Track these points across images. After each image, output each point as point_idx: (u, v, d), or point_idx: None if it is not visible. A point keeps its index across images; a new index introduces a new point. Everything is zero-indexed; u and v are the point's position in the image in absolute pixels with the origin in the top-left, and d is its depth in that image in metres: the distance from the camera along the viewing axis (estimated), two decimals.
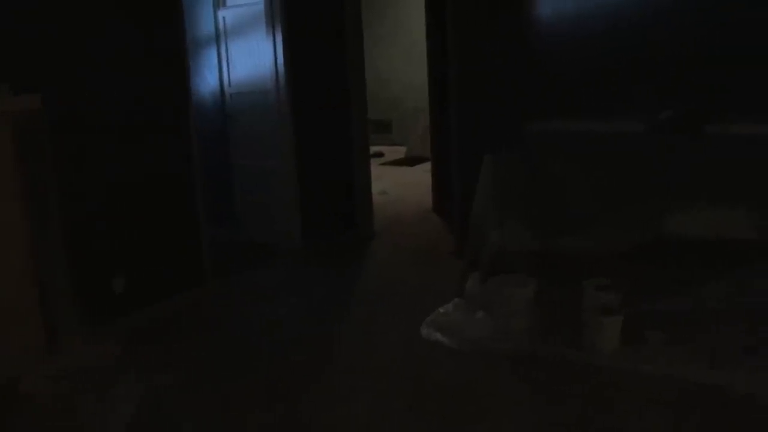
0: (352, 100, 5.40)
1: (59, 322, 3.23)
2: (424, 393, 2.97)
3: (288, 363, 3.30)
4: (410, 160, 9.64)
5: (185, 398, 3.01)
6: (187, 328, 3.77)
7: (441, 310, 3.72)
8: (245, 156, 5.37)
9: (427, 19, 6.10)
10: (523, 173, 3.82)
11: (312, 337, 3.60)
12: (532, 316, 3.43)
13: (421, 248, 5.17)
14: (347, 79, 5.36)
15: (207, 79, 5.52)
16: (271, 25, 4.87)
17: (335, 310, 3.96)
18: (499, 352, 3.28)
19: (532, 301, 3.44)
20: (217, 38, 5.38)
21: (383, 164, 9.49)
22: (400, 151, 10.28)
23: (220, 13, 5.30)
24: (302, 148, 5.04)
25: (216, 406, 2.93)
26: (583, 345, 3.22)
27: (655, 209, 3.51)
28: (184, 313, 3.96)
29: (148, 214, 3.86)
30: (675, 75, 3.69)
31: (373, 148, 10.31)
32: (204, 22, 5.42)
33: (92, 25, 3.50)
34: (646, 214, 3.56)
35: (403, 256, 5.01)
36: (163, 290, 3.96)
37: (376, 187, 6.87)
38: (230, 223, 5.58)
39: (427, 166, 8.83)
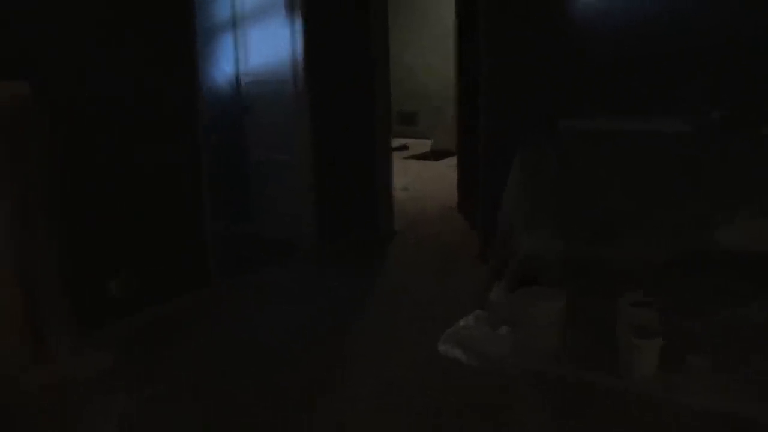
0: (376, 91, 5.11)
1: (48, 329, 3.00)
2: (438, 413, 2.70)
3: (293, 377, 3.04)
4: (435, 154, 9.33)
5: (177, 410, 2.77)
6: (186, 334, 3.52)
7: (461, 323, 3.43)
8: (261, 148, 5.11)
9: (457, 8, 5.77)
10: (555, 175, 3.50)
11: (321, 348, 3.34)
12: (561, 334, 3.13)
13: (444, 250, 4.87)
14: (371, 69, 5.06)
15: (223, 67, 5.27)
16: (290, 9, 4.59)
17: (347, 319, 3.69)
18: (522, 374, 2.98)
19: (561, 318, 3.14)
20: (234, 23, 5.11)
21: (407, 158, 9.19)
22: (425, 145, 9.96)
23: None
24: (320, 141, 4.76)
25: (208, 424, 2.68)
26: (617, 369, 2.91)
27: (701, 216, 3.18)
28: (185, 316, 3.72)
29: (148, 211, 3.62)
30: (726, 69, 3.34)
31: (398, 141, 10.02)
32: (220, 6, 5.16)
33: (89, 14, 3.26)
34: (691, 221, 3.23)
35: (423, 258, 4.72)
36: (164, 292, 3.72)
37: (398, 182, 6.59)
38: (246, 219, 5.34)
39: (452, 160, 8.51)
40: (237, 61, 5.15)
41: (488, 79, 4.32)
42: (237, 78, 5.18)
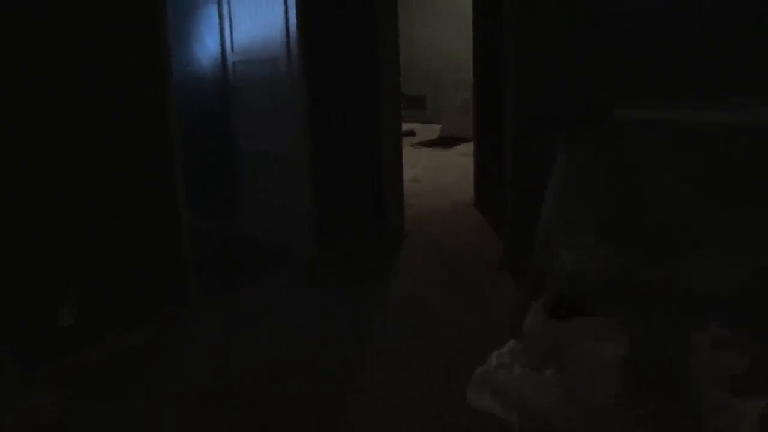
0: (382, 71, 4.41)
1: None
2: None
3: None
4: (446, 141, 8.64)
5: None
6: (154, 371, 2.86)
7: (494, 359, 2.77)
8: (250, 137, 4.43)
9: None
10: (610, 172, 2.83)
11: (316, 392, 2.68)
12: (624, 383, 2.46)
13: (462, 257, 4.20)
14: (376, 46, 4.37)
15: (206, 44, 4.58)
16: None
17: (350, 352, 3.02)
18: None
19: (623, 361, 2.47)
20: None
21: (415, 145, 8.49)
22: (434, 130, 9.28)
23: None
24: (318, 129, 4.08)
25: None
26: None
27: None
28: (153, 347, 3.05)
29: (109, 218, 2.95)
30: None
31: (404, 126, 9.33)
32: None
33: None
34: None
35: (439, 267, 4.05)
36: (129, 317, 3.06)
37: (406, 173, 5.92)
38: (232, 218, 4.68)
39: (464, 147, 7.84)
40: (222, 36, 4.45)
41: (517, 59, 3.62)
42: (223, 56, 4.48)
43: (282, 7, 3.92)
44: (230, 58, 4.44)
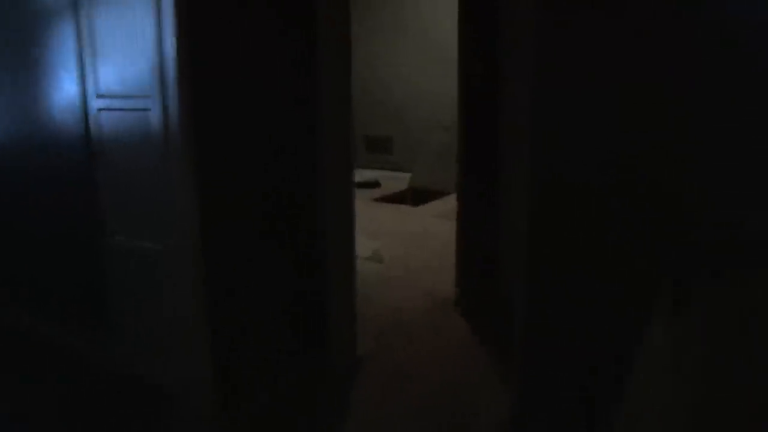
0: (322, 124, 2.96)
1: None
2: None
3: None
4: (415, 195, 7.19)
5: None
6: None
7: None
8: (120, 223, 2.94)
9: (462, 7, 3.67)
10: (752, 375, 1.39)
11: None
12: None
13: (441, 413, 2.71)
14: (315, 86, 2.92)
15: (63, 83, 3.10)
16: None
17: None
18: None
19: None
20: (76, 10, 2.95)
21: (378, 200, 6.99)
22: (401, 179, 7.83)
23: None
24: (216, 213, 2.60)
25: None
26: None
27: None
28: None
29: None
30: None
31: (366, 174, 7.90)
32: None
33: None
34: None
35: (409, 426, 2.57)
36: None
37: (364, 245, 4.48)
38: (101, 339, 3.16)
39: (442, 204, 6.40)
40: (83, 71, 2.98)
41: (534, 97, 2.19)
42: (84, 102, 3.00)
43: (153, 29, 2.46)
44: (94, 104, 2.96)
